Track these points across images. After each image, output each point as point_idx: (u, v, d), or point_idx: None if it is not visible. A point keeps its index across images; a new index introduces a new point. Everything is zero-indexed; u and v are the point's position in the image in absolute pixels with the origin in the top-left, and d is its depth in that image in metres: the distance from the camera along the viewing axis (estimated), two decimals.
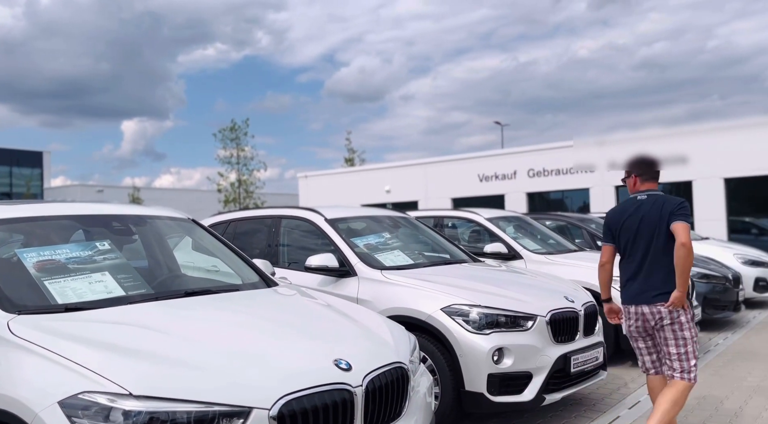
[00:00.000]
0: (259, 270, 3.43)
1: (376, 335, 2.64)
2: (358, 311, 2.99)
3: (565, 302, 4.07)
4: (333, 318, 2.78)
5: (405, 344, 2.69)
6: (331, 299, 3.16)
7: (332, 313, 2.86)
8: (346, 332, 2.58)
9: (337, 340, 2.46)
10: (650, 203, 3.34)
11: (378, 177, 20.50)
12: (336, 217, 4.82)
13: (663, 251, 3.24)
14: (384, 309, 4.03)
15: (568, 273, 5.80)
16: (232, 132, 25.10)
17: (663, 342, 3.28)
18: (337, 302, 3.09)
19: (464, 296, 3.86)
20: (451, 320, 3.76)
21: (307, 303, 3.00)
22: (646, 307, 3.28)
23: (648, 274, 3.29)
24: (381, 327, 2.76)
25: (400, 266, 4.46)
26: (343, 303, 3.09)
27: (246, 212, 5.40)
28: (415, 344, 2.84)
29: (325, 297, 3.18)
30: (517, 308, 3.85)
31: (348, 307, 3.02)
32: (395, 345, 2.59)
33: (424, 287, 4.01)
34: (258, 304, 2.84)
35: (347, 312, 2.90)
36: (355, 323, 2.74)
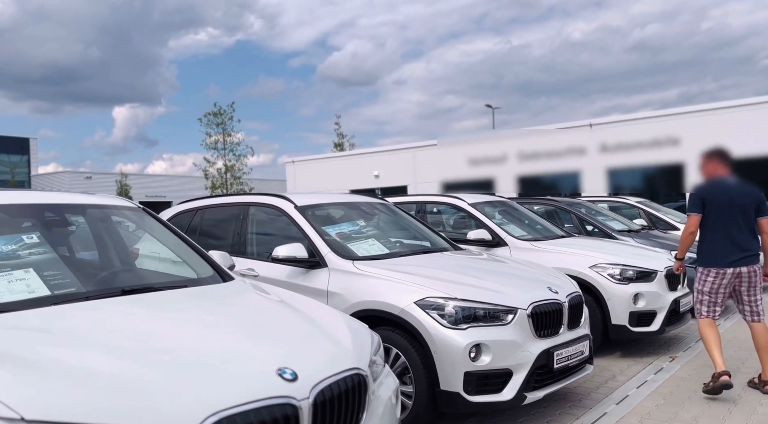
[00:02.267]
0: (214, 263, 3.14)
1: (333, 337, 2.36)
2: (317, 308, 2.71)
3: (548, 293, 3.81)
4: (286, 318, 2.50)
5: (366, 346, 2.41)
6: (289, 295, 2.87)
7: (287, 311, 2.58)
8: (298, 335, 2.30)
9: (285, 344, 2.17)
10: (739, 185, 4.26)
11: (366, 162, 20.17)
12: (307, 204, 4.52)
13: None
14: (355, 303, 3.77)
15: (554, 260, 5.55)
16: (217, 117, 24.66)
17: (749, 292, 4.30)
18: (295, 299, 2.81)
19: (440, 289, 3.60)
20: (425, 315, 3.49)
21: (260, 300, 2.71)
22: (745, 268, 4.23)
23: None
24: (340, 327, 2.49)
25: (374, 256, 4.18)
26: (302, 300, 2.81)
27: (213, 199, 5.10)
28: (378, 345, 2.57)
29: (282, 293, 2.89)
30: (497, 300, 3.58)
31: (306, 304, 2.73)
32: (354, 348, 2.31)
33: (397, 278, 3.74)
34: (203, 302, 2.55)
35: (304, 310, 2.62)
36: (310, 323, 2.47)
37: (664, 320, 5.33)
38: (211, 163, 24.93)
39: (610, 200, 10.93)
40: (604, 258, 5.45)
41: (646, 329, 5.28)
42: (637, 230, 8.10)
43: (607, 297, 5.26)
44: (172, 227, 3.31)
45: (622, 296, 5.23)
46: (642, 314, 5.27)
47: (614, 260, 5.44)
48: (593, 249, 5.74)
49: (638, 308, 5.25)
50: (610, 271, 5.35)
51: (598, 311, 5.30)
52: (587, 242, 6.22)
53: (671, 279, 5.54)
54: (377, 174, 19.70)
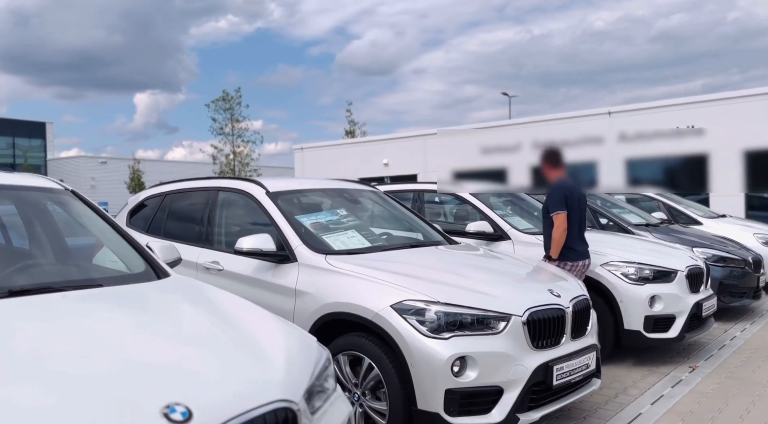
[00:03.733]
0: (149, 257, 2.66)
1: (263, 358, 1.87)
2: (257, 319, 2.21)
3: (548, 296, 3.28)
4: (209, 331, 2.01)
5: (306, 368, 1.92)
6: (230, 300, 2.38)
7: (213, 323, 2.09)
8: (214, 356, 1.80)
9: (189, 369, 1.68)
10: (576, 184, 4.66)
11: (376, 149, 19.61)
12: (280, 190, 4.03)
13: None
14: (324, 304, 3.28)
15: None
16: (224, 102, 24.21)
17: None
18: (235, 306, 2.32)
19: (421, 290, 3.09)
20: (402, 320, 2.99)
21: (185, 307, 2.23)
22: (588, 259, 4.59)
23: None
24: (277, 344, 1.99)
25: (351, 250, 3.67)
26: (242, 308, 2.31)
27: (182, 183, 4.63)
28: (326, 364, 2.08)
29: (221, 297, 2.40)
30: (487, 305, 3.07)
31: (244, 314, 2.24)
32: (287, 372, 1.82)
33: (373, 277, 3.23)
34: (105, 308, 2.07)
35: (238, 322, 2.13)
36: (239, 339, 1.97)
37: (684, 325, 4.77)
38: (218, 149, 24.59)
39: (627, 192, 10.28)
40: (617, 255, 4.89)
41: (663, 335, 4.72)
42: (655, 224, 7.49)
43: (619, 299, 4.71)
44: (104, 213, 2.84)
45: (637, 298, 4.68)
46: (659, 318, 4.71)
47: (628, 257, 4.87)
48: (605, 245, 5.17)
49: (655, 312, 4.69)
50: (623, 270, 4.79)
51: (610, 314, 4.75)
52: (599, 237, 5.64)
53: (693, 279, 4.97)
54: (386, 162, 19.13)
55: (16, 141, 46.54)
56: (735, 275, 6.52)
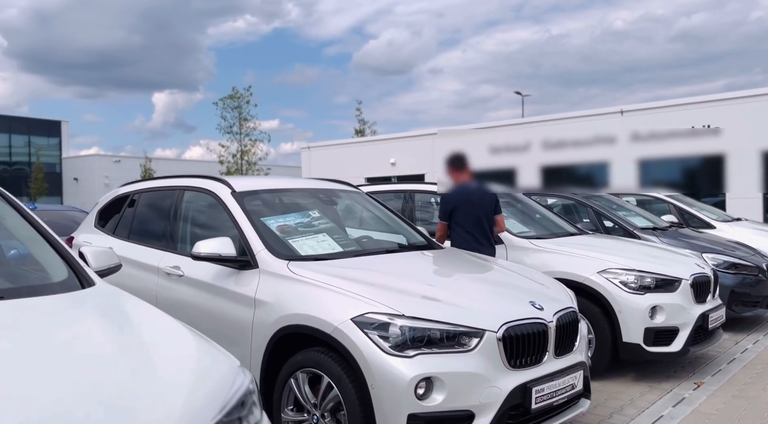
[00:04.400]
0: (75, 264, 2.40)
1: (158, 391, 1.58)
2: (168, 337, 1.93)
3: (529, 309, 2.97)
4: (100, 357, 1.71)
5: (213, 403, 1.62)
6: (144, 312, 2.10)
7: (112, 344, 1.81)
8: (96, 392, 1.50)
9: (59, 413, 1.39)
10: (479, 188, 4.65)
11: (383, 149, 19.32)
12: (247, 189, 3.75)
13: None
14: (282, 316, 3.00)
15: (555, 263, 4.71)
16: (233, 100, 24.08)
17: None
18: (148, 320, 2.04)
19: (386, 302, 2.79)
20: (363, 336, 2.70)
21: (86, 325, 1.95)
22: None
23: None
24: (180, 372, 1.70)
25: (319, 255, 3.39)
26: (157, 322, 2.03)
27: (150, 181, 4.38)
28: (245, 394, 1.78)
29: (138, 309, 2.12)
30: (458, 318, 2.76)
31: (156, 330, 1.96)
32: (186, 410, 1.53)
33: (337, 286, 2.94)
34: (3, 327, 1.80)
35: (145, 341, 1.85)
36: (136, 364, 1.69)
37: (688, 338, 4.41)
38: (226, 148, 24.48)
39: (637, 194, 9.87)
40: (615, 261, 4.55)
41: (665, 349, 4.37)
42: (664, 227, 7.10)
43: (617, 309, 4.37)
44: (30, 214, 2.58)
45: (637, 309, 4.33)
46: (660, 330, 4.36)
47: (628, 264, 4.53)
48: (604, 250, 4.83)
49: (656, 324, 4.34)
50: (622, 277, 4.45)
51: (607, 325, 4.41)
52: (599, 242, 5.30)
53: (699, 288, 4.61)
54: (394, 162, 18.82)
55: (32, 139, 47.04)
56: (748, 282, 6.12)
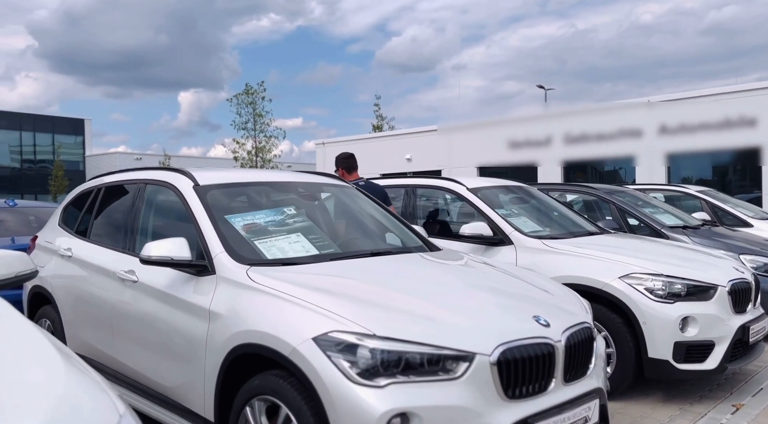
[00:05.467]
0: None
1: None
2: (40, 368, 1.47)
3: (532, 326, 2.45)
4: None
5: None
6: (30, 334, 1.65)
7: None
8: None
9: None
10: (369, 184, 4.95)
11: (399, 144, 18.80)
12: (212, 182, 3.30)
13: None
14: (236, 333, 2.53)
15: (571, 266, 4.16)
16: (248, 96, 23.76)
17: None
18: (30, 344, 1.59)
19: (356, 318, 2.30)
20: (325, 359, 2.21)
21: None
22: None
23: None
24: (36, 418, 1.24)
25: (288, 259, 2.91)
26: (37, 347, 1.57)
27: (112, 175, 3.96)
28: None
29: (21, 331, 1.67)
30: (443, 339, 2.26)
31: (29, 358, 1.50)
32: None
33: (299, 298, 2.46)
34: None
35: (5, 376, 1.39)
36: None
37: (726, 354, 3.83)
38: (241, 144, 24.16)
39: (666, 189, 9.20)
40: (640, 265, 3.98)
41: (698, 366, 3.80)
42: (695, 226, 6.47)
43: (642, 320, 3.81)
44: None
45: (665, 320, 3.77)
46: (693, 345, 3.79)
47: (655, 268, 3.95)
48: (627, 252, 4.26)
49: (688, 337, 3.77)
50: (648, 283, 3.88)
51: (631, 338, 3.86)
52: (622, 242, 4.73)
53: (738, 296, 4.01)
54: (409, 157, 18.28)
55: (56, 138, 47.69)
56: None
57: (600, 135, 15.19)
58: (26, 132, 46.26)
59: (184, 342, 2.77)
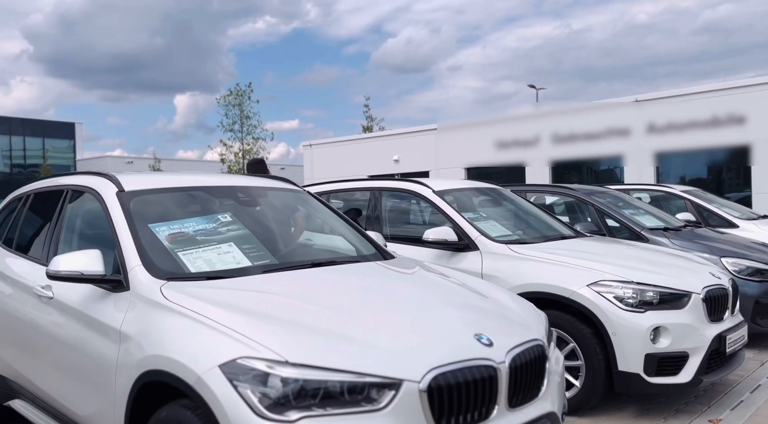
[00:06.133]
0: None
1: None
2: None
3: (471, 345, 2.20)
4: None
5: None
6: None
7: None
8: None
9: None
10: None
11: (386, 145, 18.56)
12: (139, 188, 3.03)
13: None
14: (145, 357, 2.28)
15: (536, 272, 3.94)
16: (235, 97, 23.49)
17: None
18: None
19: (269, 342, 2.05)
20: (230, 390, 1.96)
21: None
22: None
23: None
24: None
25: (213, 273, 2.65)
26: None
27: (44, 181, 3.69)
28: None
29: None
30: (367, 363, 2.01)
31: None
32: None
33: (212, 318, 2.20)
34: None
35: None
36: None
37: (701, 366, 3.59)
38: (228, 147, 23.88)
39: (651, 189, 8.97)
40: (610, 271, 3.73)
41: (671, 379, 3.56)
42: (677, 227, 6.23)
43: (611, 331, 3.56)
44: None
45: (635, 330, 3.52)
46: (665, 357, 3.55)
47: (625, 274, 3.71)
48: (598, 257, 4.02)
49: (659, 349, 3.52)
50: (617, 291, 3.63)
51: (600, 350, 3.61)
52: (594, 247, 4.48)
53: (713, 304, 3.77)
54: (397, 159, 18.04)
55: (46, 142, 47.31)
56: None
57: (588, 134, 14.98)
58: (16, 136, 45.89)
59: (95, 366, 2.51)
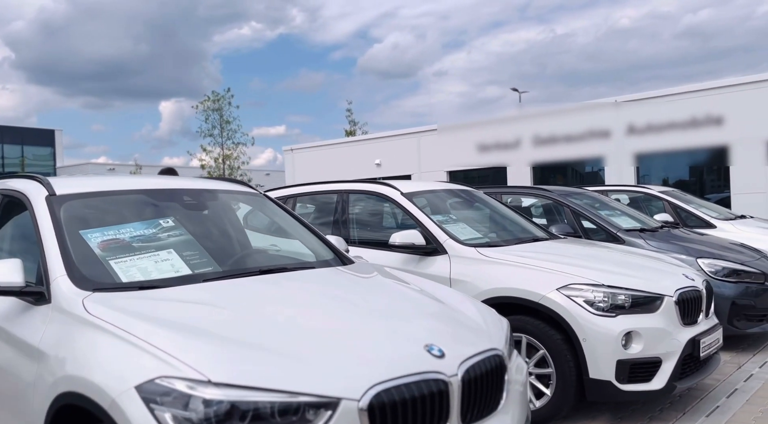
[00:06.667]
0: None
1: None
2: None
3: (420, 357, 2.02)
4: None
5: None
6: None
7: None
8: None
9: None
10: None
11: (368, 149, 18.39)
12: (72, 191, 2.82)
13: None
14: (62, 377, 2.06)
15: (505, 276, 3.79)
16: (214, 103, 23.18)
17: None
18: None
19: (192, 361, 1.85)
20: (147, 415, 1.76)
21: None
22: None
23: None
24: None
25: (148, 282, 2.45)
26: None
27: None
28: None
29: None
30: (301, 381, 1.82)
31: None
32: None
33: (133, 334, 2.00)
34: None
35: None
36: None
37: (674, 371, 3.44)
38: (208, 152, 23.55)
39: (629, 190, 8.89)
40: (580, 274, 3.58)
41: (643, 386, 3.41)
42: (654, 228, 6.12)
43: (582, 337, 3.41)
44: None
45: (606, 336, 3.37)
46: (638, 363, 3.40)
47: (596, 277, 3.56)
48: (569, 260, 3.87)
49: (631, 355, 3.38)
50: (588, 295, 3.48)
51: (571, 357, 3.45)
52: (566, 249, 4.33)
53: (687, 306, 3.64)
54: (379, 162, 17.88)
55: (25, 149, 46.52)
56: (751, 292, 5.13)
57: (568, 136, 14.92)
58: None
59: (14, 389, 2.30)
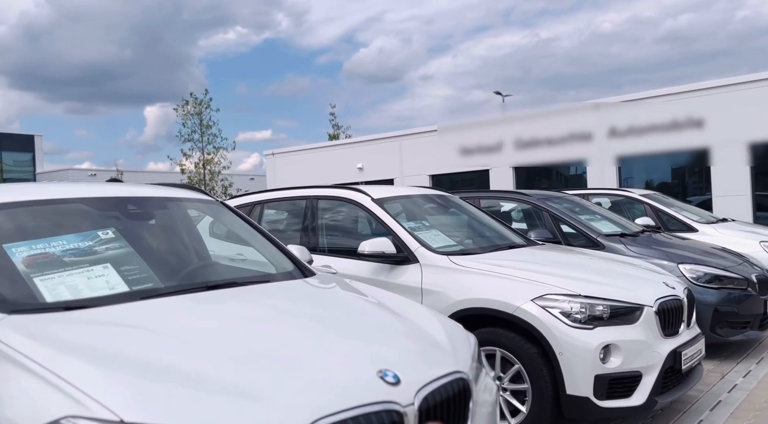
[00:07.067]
0: None
1: None
2: None
3: (371, 385, 1.81)
4: None
5: None
6: None
7: None
8: None
9: None
10: None
11: (350, 153, 18.19)
12: (7, 200, 2.58)
13: None
14: None
15: (478, 286, 3.61)
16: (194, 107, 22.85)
17: None
18: None
19: (103, 397, 1.63)
20: None
21: None
22: None
23: None
24: None
25: (75, 301, 2.22)
26: None
27: None
28: None
29: None
30: (231, 421, 1.60)
31: None
32: None
33: (44, 368, 1.77)
34: None
35: None
36: None
37: (655, 385, 3.27)
38: (188, 156, 23.19)
39: (610, 194, 8.78)
40: (556, 284, 3.40)
41: (623, 402, 3.23)
42: (635, 233, 5.98)
43: (558, 350, 3.22)
44: None
45: (584, 349, 3.19)
46: (617, 378, 3.22)
47: (572, 287, 3.38)
48: (545, 268, 3.69)
49: (610, 369, 3.20)
50: (564, 306, 3.30)
51: (547, 371, 3.27)
52: (543, 256, 4.16)
53: (667, 317, 3.47)
54: (361, 167, 17.68)
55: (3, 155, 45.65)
56: (734, 298, 5.00)
57: (550, 139, 14.86)
58: None
59: None
